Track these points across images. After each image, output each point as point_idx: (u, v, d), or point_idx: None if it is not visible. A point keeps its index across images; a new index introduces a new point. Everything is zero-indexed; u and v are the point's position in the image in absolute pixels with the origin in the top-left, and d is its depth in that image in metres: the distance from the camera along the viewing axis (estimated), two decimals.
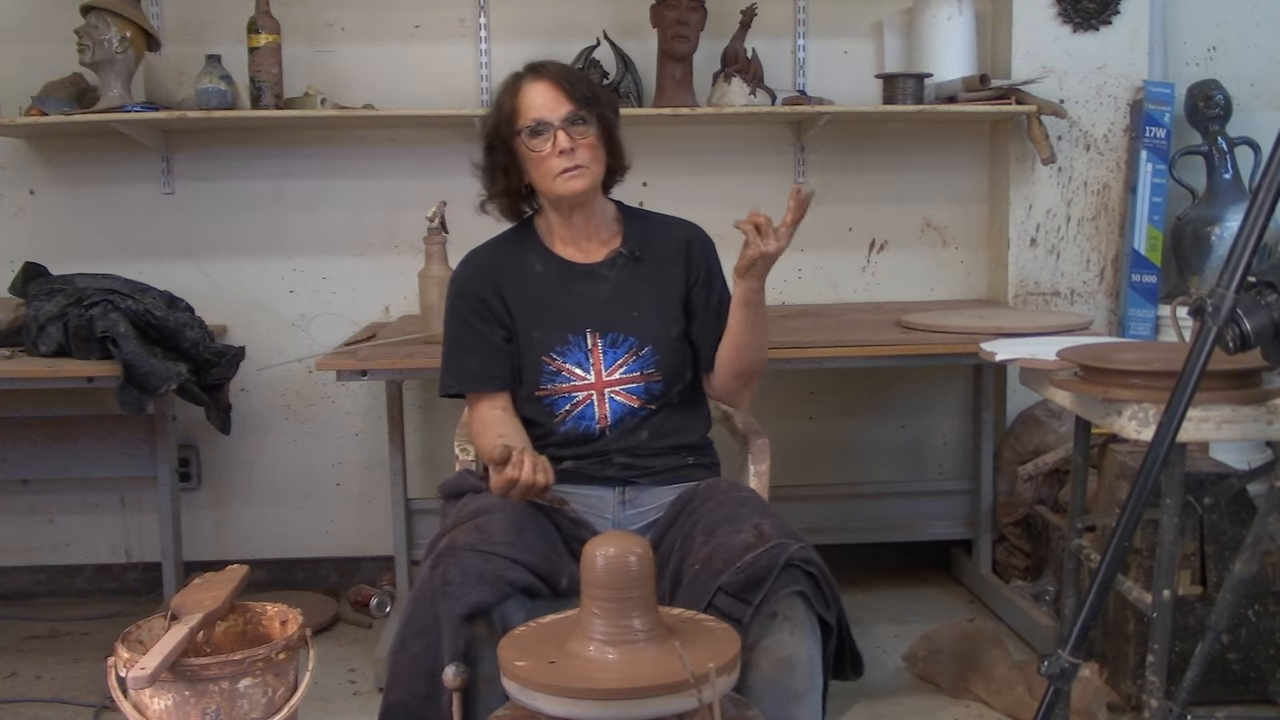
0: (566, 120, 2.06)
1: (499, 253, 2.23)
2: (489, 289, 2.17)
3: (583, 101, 2.08)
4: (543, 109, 2.07)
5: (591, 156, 2.10)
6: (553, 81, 2.08)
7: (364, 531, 3.50)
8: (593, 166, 2.10)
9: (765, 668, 1.77)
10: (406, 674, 1.80)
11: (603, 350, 2.14)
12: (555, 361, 2.14)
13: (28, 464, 3.24)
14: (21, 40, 3.26)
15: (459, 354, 2.18)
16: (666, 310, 2.18)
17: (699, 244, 2.24)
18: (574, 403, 2.14)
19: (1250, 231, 1.56)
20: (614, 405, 2.14)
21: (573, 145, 2.06)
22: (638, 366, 2.14)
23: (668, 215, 2.30)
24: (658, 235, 2.23)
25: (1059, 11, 3.34)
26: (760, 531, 1.86)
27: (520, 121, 2.08)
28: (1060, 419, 3.23)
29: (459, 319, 2.19)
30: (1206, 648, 1.80)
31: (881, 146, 3.49)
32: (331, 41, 3.35)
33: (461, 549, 1.83)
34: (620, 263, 2.19)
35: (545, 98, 2.07)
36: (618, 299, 2.17)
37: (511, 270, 2.19)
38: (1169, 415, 1.63)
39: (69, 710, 2.70)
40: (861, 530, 3.50)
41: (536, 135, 2.07)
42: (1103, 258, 3.45)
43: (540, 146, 2.07)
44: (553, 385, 2.14)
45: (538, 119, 2.07)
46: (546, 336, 2.15)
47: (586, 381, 2.14)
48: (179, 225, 3.37)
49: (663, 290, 2.19)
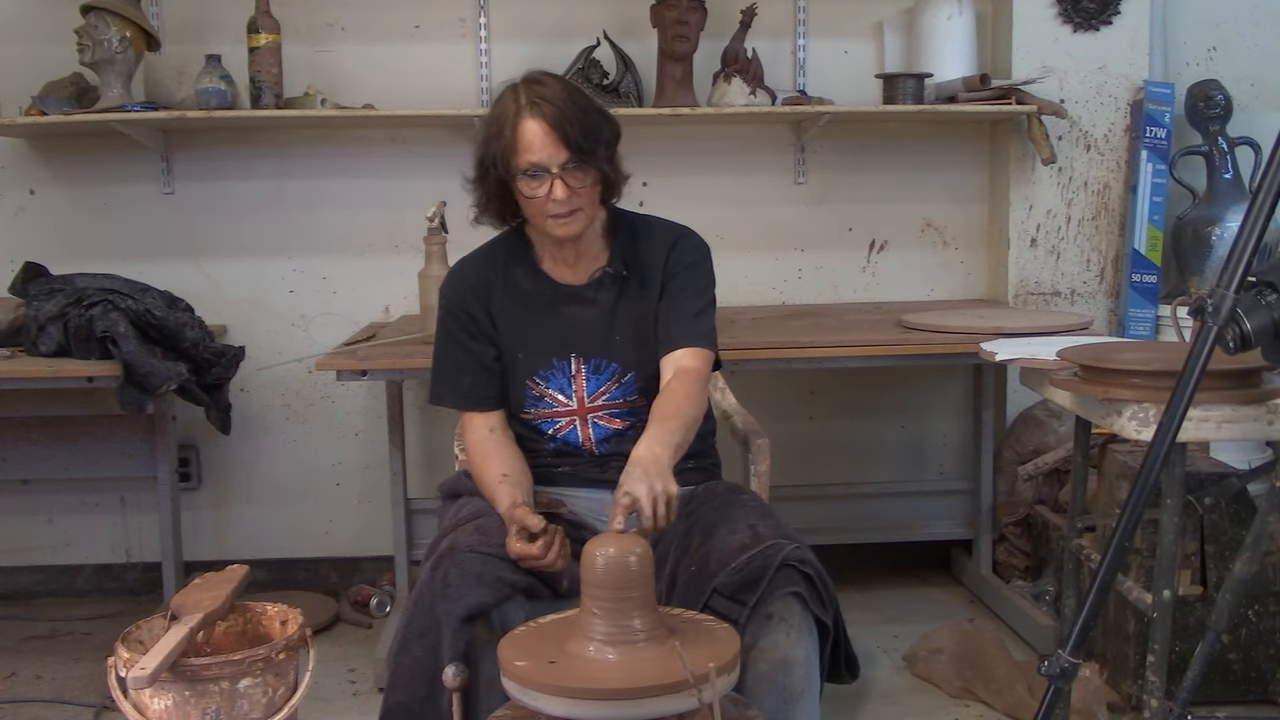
0: (564, 167, 1.96)
1: (487, 266, 2.16)
2: (478, 307, 2.13)
3: (582, 149, 1.96)
4: (541, 153, 1.94)
5: (587, 199, 2.01)
6: (550, 124, 1.94)
7: (364, 531, 3.50)
8: (588, 208, 2.02)
9: (762, 668, 1.77)
10: (407, 675, 1.80)
11: (586, 376, 2.11)
12: (539, 386, 2.12)
13: (28, 464, 3.24)
14: (21, 40, 3.26)
15: (451, 369, 2.15)
16: (649, 331, 2.12)
17: (681, 247, 2.14)
18: (557, 428, 2.13)
19: (1250, 231, 1.56)
20: (598, 429, 2.12)
21: (569, 194, 1.97)
22: (620, 394, 2.12)
23: (659, 220, 2.21)
24: (644, 246, 2.15)
25: (1059, 11, 3.34)
26: (756, 532, 1.86)
27: (517, 162, 1.97)
28: (1060, 419, 3.23)
29: (449, 335, 2.15)
30: (1206, 648, 1.80)
31: (881, 146, 3.49)
32: (331, 41, 3.35)
33: (461, 550, 1.83)
34: (606, 283, 2.12)
35: (543, 141, 1.94)
36: (602, 323, 2.11)
37: (499, 287, 2.14)
38: (1169, 415, 1.62)
39: (69, 710, 2.70)
40: (861, 530, 3.50)
41: (533, 179, 1.97)
42: (1103, 258, 3.45)
43: (536, 190, 1.97)
44: (536, 410, 2.12)
45: (535, 163, 1.95)
46: (530, 359, 2.12)
47: (569, 408, 2.12)
48: (179, 225, 3.37)
49: (645, 309, 2.12)
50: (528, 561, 1.87)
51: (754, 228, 3.45)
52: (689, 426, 1.95)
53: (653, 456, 1.80)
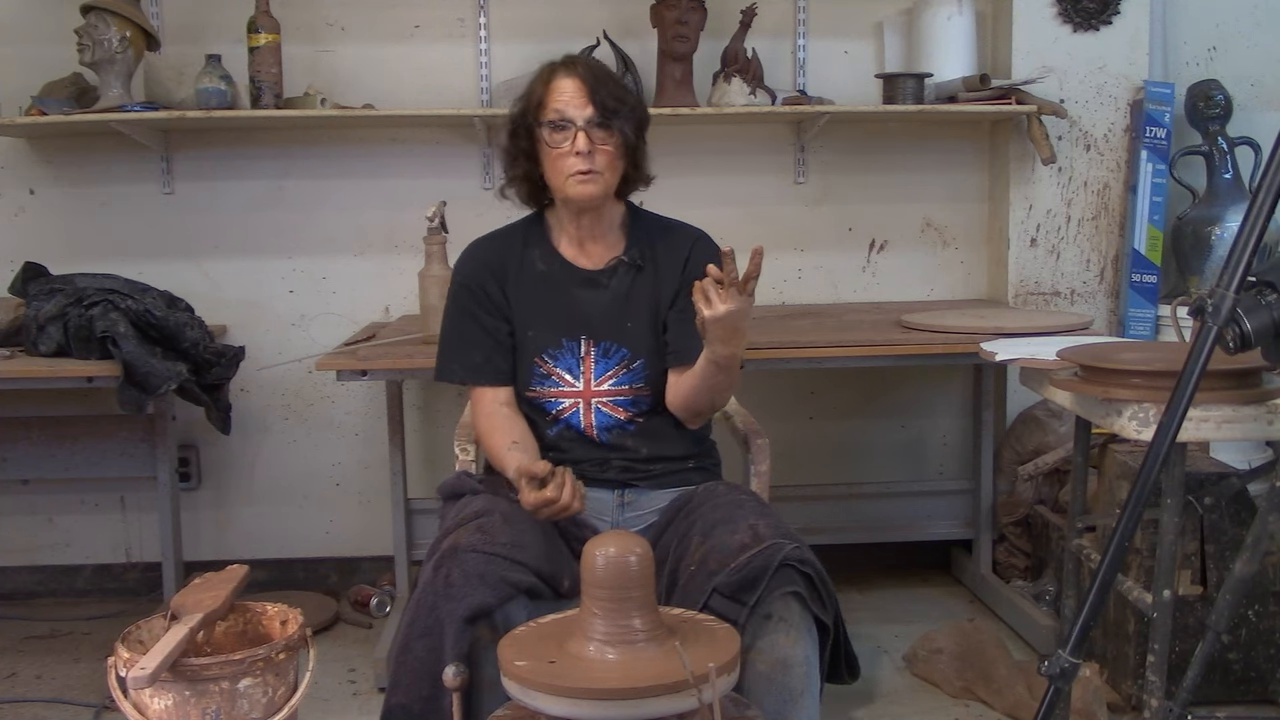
0: (589, 122, 2.05)
1: (504, 245, 2.22)
2: (492, 282, 2.17)
3: (607, 107, 2.06)
4: (568, 105, 2.05)
5: (608, 163, 2.08)
6: (582, 81, 2.07)
7: (364, 531, 3.50)
8: (607, 174, 2.09)
9: (761, 668, 1.77)
10: (409, 676, 1.80)
11: (595, 359, 2.14)
12: (546, 364, 2.14)
13: (28, 464, 3.24)
14: (21, 40, 3.26)
15: (462, 344, 2.18)
16: (660, 323, 2.17)
17: (699, 252, 2.19)
18: (561, 408, 2.14)
19: (1250, 231, 1.56)
20: (600, 416, 2.13)
21: (590, 149, 2.05)
22: (627, 380, 2.14)
23: (675, 221, 2.28)
24: (661, 242, 2.21)
25: (1059, 11, 3.34)
26: (756, 532, 1.86)
27: (545, 113, 2.07)
28: (1060, 419, 3.23)
29: (462, 309, 2.18)
30: (1206, 648, 1.80)
31: (881, 146, 3.49)
32: (331, 41, 3.35)
33: (464, 550, 1.83)
34: (621, 271, 2.18)
35: (573, 95, 2.05)
36: (615, 307, 2.16)
37: (515, 265, 2.19)
38: (1169, 415, 1.63)
39: (69, 710, 2.70)
40: (862, 530, 3.50)
41: (558, 130, 2.06)
42: (1103, 258, 3.45)
43: (559, 142, 2.06)
44: (541, 388, 2.14)
45: (561, 114, 2.05)
46: (541, 337, 2.15)
47: (575, 389, 2.13)
48: (179, 225, 3.37)
49: (659, 301, 2.17)
50: (545, 511, 1.87)
51: (754, 228, 3.45)
52: (732, 387, 2.10)
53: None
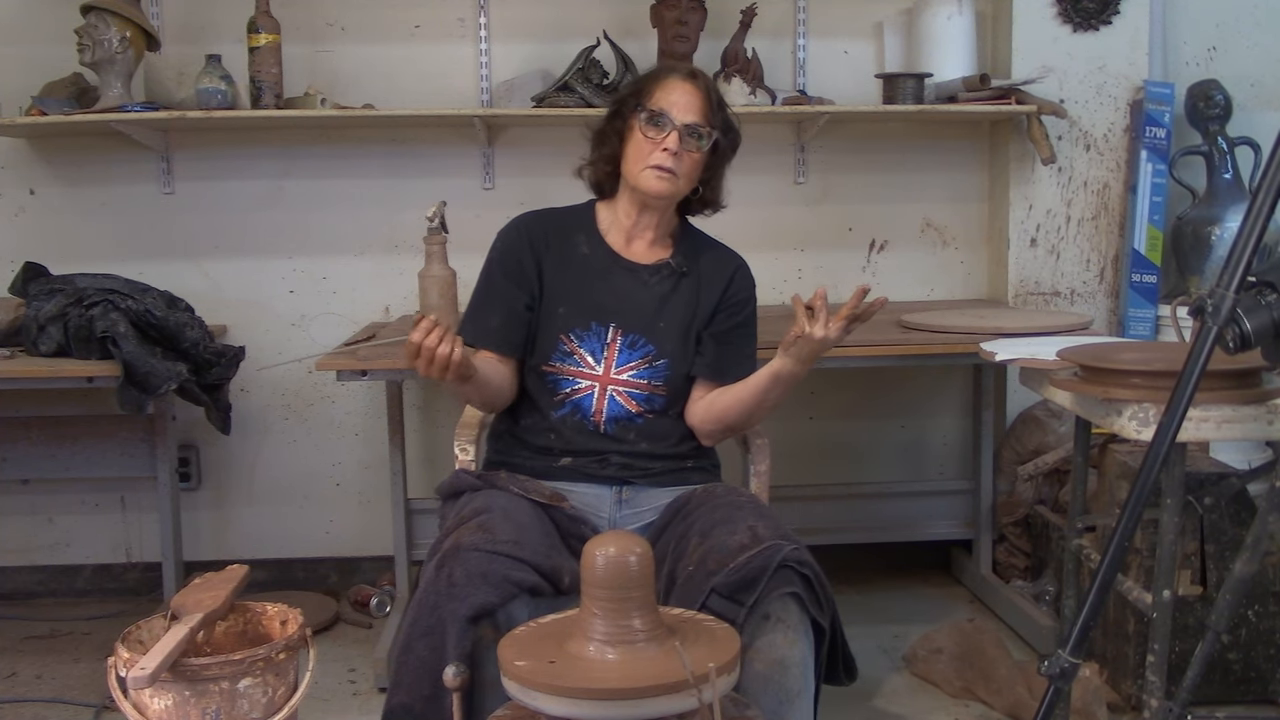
0: (688, 128, 2.10)
1: (552, 223, 2.25)
2: (529, 255, 2.20)
3: (711, 123, 2.12)
4: (674, 105, 2.11)
5: (687, 171, 2.13)
6: (697, 89, 2.13)
7: (364, 531, 3.50)
8: (683, 181, 2.14)
9: (758, 669, 1.77)
10: (411, 675, 1.80)
11: (620, 348, 2.16)
12: (570, 342, 2.16)
13: (28, 464, 3.24)
14: (21, 40, 3.26)
15: (484, 308, 2.21)
16: (692, 331, 2.21)
17: (743, 277, 2.28)
18: (575, 388, 2.15)
19: (1250, 231, 1.56)
20: (612, 404, 2.14)
21: (679, 150, 2.10)
22: (647, 374, 2.16)
23: (719, 241, 2.33)
24: (706, 257, 2.26)
25: (1059, 11, 3.34)
26: (754, 533, 1.86)
27: (649, 102, 2.12)
28: (1060, 419, 3.23)
29: (491, 278, 2.22)
30: (1206, 648, 1.80)
31: (881, 146, 3.49)
32: (331, 41, 3.35)
33: (466, 549, 1.83)
34: (665, 273, 2.22)
35: (684, 97, 2.12)
36: (651, 305, 2.19)
37: (559, 243, 2.22)
38: (1169, 415, 1.62)
39: (69, 710, 2.70)
40: (861, 530, 3.50)
41: (655, 122, 2.10)
42: (1103, 258, 3.45)
43: (652, 134, 2.10)
44: (561, 364, 2.16)
45: (665, 110, 2.10)
46: (570, 315, 2.17)
47: (594, 372, 2.15)
48: (179, 225, 3.37)
49: (696, 311, 2.21)
50: (421, 363, 1.87)
51: (754, 228, 3.44)
52: (776, 406, 2.18)
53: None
